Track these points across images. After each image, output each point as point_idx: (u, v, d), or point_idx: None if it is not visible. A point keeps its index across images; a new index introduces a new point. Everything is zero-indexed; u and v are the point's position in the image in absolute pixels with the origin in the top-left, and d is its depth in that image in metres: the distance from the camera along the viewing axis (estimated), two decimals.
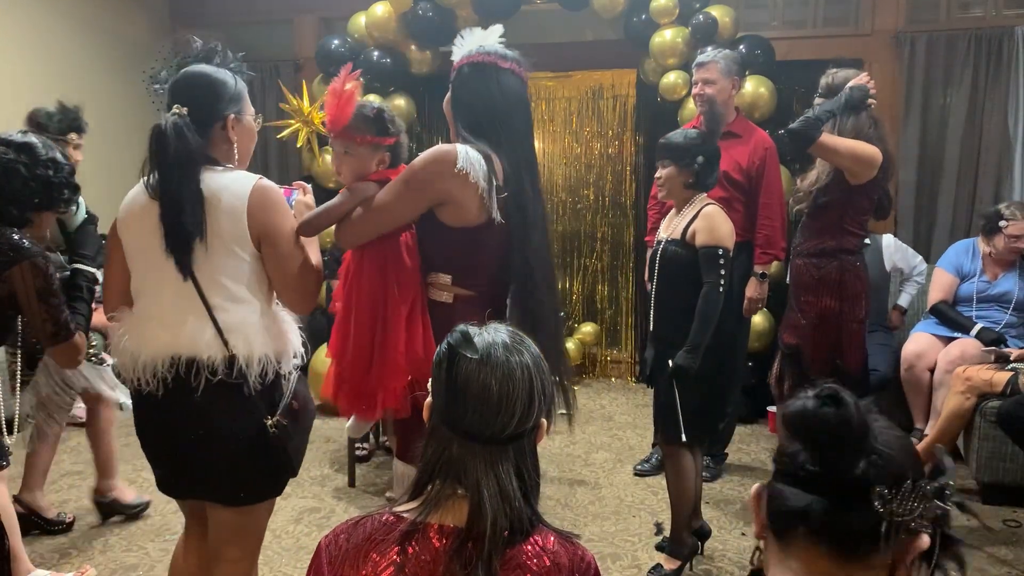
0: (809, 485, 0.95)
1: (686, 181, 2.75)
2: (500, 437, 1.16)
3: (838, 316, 3.00)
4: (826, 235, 3.02)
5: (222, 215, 1.80)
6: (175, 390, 1.80)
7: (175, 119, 1.80)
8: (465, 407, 1.16)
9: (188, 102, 1.84)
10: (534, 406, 1.18)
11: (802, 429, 0.96)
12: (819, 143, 2.82)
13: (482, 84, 2.08)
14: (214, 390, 1.79)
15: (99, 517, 3.33)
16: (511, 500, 1.15)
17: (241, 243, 1.82)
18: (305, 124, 5.14)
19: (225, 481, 1.87)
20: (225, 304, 1.82)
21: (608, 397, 5.18)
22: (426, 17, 5.00)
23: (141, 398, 1.87)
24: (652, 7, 4.64)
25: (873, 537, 0.91)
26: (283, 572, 2.97)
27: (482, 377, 1.16)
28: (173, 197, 1.78)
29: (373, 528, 1.18)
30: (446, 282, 2.05)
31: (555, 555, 1.17)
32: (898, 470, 0.93)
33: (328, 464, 4.01)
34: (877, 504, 0.90)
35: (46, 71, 5.13)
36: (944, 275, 4.16)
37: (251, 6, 6.04)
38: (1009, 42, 4.66)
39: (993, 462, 3.47)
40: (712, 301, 2.64)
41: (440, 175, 1.95)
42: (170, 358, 1.79)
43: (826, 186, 2.98)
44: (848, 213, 3.00)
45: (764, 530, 1.01)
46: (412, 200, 1.99)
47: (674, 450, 2.80)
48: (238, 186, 1.83)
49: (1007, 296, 4.02)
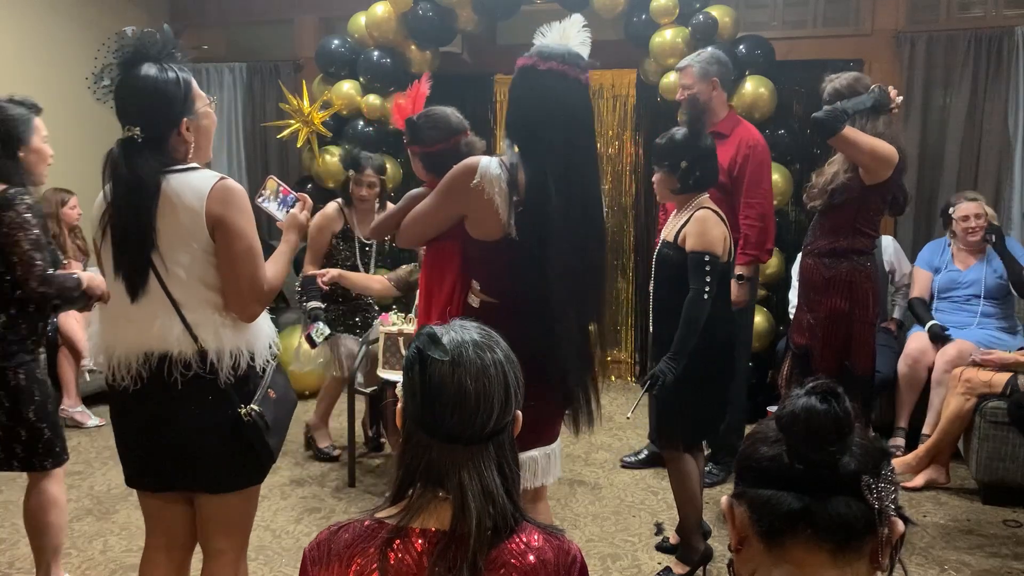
0: (800, 484, 0.95)
1: (673, 186, 2.74)
2: (480, 436, 1.15)
3: (847, 317, 2.98)
4: (838, 235, 2.99)
5: (181, 212, 1.82)
6: (150, 384, 1.86)
7: (125, 144, 1.84)
8: (443, 410, 1.14)
9: (138, 120, 1.84)
10: (511, 401, 1.18)
11: (808, 427, 0.96)
12: (841, 136, 2.80)
13: (518, 89, 2.04)
14: (189, 383, 1.85)
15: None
16: (495, 498, 1.14)
17: (199, 238, 1.84)
18: (305, 124, 5.14)
19: (206, 469, 1.91)
20: (190, 301, 1.86)
21: (608, 397, 5.17)
22: (426, 17, 5.00)
23: (117, 393, 1.91)
24: (652, 7, 4.64)
25: (866, 527, 0.94)
26: (283, 572, 2.97)
27: (457, 378, 1.14)
28: (122, 225, 1.84)
29: (355, 535, 1.17)
30: (476, 288, 2.12)
31: (540, 552, 1.16)
32: (875, 459, 0.96)
33: (328, 464, 4.02)
34: (867, 493, 0.93)
35: (46, 70, 5.13)
36: (920, 272, 4.36)
37: (251, 6, 6.04)
38: (1009, 42, 4.65)
39: (993, 462, 3.47)
40: (695, 307, 2.61)
41: (460, 188, 1.99)
42: (143, 354, 1.85)
43: (843, 185, 2.95)
44: (862, 213, 2.98)
45: (742, 541, 1.01)
46: (442, 208, 2.05)
47: (675, 454, 2.79)
48: (200, 183, 1.85)
49: (977, 284, 4.10)
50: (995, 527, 3.33)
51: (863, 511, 0.94)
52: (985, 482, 3.54)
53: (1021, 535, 3.26)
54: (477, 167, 1.97)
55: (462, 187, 1.98)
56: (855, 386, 2.99)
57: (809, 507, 0.94)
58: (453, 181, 2.02)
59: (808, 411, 0.96)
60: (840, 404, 0.96)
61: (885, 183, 2.92)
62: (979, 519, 3.41)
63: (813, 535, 0.94)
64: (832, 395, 0.97)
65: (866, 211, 2.98)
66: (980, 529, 3.31)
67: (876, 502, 0.93)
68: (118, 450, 2.01)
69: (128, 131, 1.84)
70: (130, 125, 1.85)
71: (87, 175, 2.58)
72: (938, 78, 4.87)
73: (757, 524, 0.98)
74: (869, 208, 2.99)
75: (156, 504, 2.02)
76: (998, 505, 3.50)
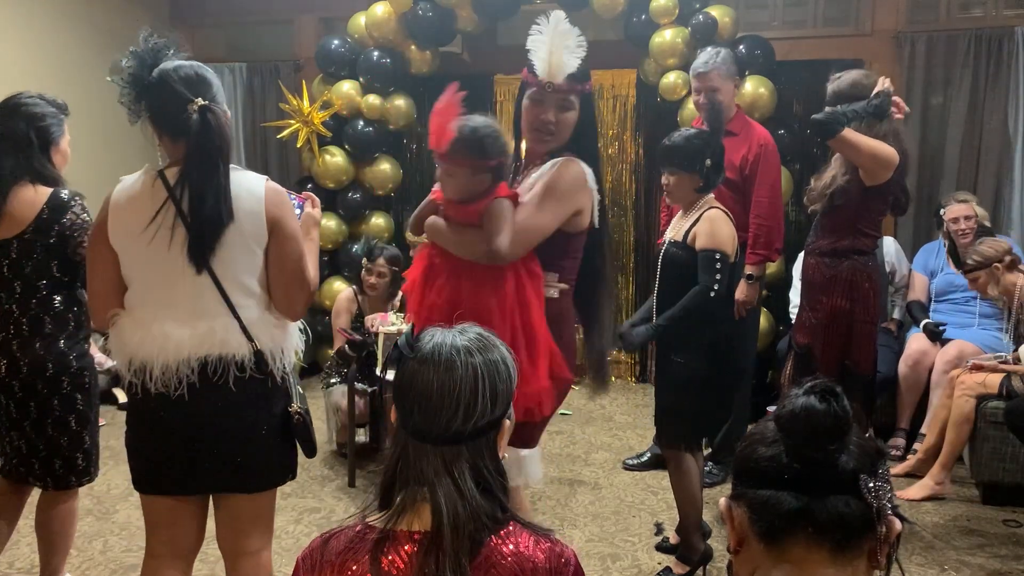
0: (798, 484, 0.96)
1: (696, 186, 2.74)
2: (448, 436, 1.17)
3: (849, 316, 2.98)
4: (840, 235, 3.00)
5: (241, 212, 1.81)
6: (201, 388, 1.82)
7: (205, 108, 1.79)
8: (412, 406, 1.18)
9: (203, 95, 1.82)
10: (478, 403, 1.18)
11: (807, 427, 0.97)
12: (840, 137, 2.80)
13: (588, 111, 2.25)
14: (243, 384, 1.85)
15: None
16: (467, 499, 1.15)
17: (259, 239, 1.84)
18: (305, 124, 5.14)
19: (249, 468, 1.90)
20: (245, 300, 1.85)
21: (608, 397, 5.16)
22: (426, 17, 5.00)
23: (151, 399, 1.84)
24: (652, 7, 4.64)
25: (865, 526, 0.95)
26: (282, 572, 2.97)
27: (424, 375, 1.18)
28: (198, 189, 1.78)
29: (347, 539, 1.18)
30: (554, 279, 2.20)
31: (531, 554, 1.16)
32: (872, 458, 0.97)
33: (328, 464, 4.02)
34: (865, 492, 0.94)
35: (45, 70, 5.13)
36: (917, 276, 4.42)
37: (251, 6, 6.03)
38: (1009, 42, 4.65)
39: (993, 462, 3.47)
40: (699, 298, 2.64)
41: (579, 187, 2.14)
42: (202, 358, 1.81)
43: (842, 188, 2.95)
44: (862, 215, 2.98)
45: (741, 542, 1.01)
46: (561, 211, 2.13)
47: (676, 454, 2.79)
48: (252, 184, 1.85)
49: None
50: (995, 527, 3.33)
51: (861, 510, 0.94)
52: (985, 482, 3.54)
53: (1021, 535, 3.26)
54: (581, 167, 2.16)
55: (580, 186, 2.15)
56: (856, 385, 3.00)
57: (808, 506, 0.95)
58: (573, 183, 2.13)
59: (808, 410, 0.97)
60: (839, 403, 0.97)
61: (885, 184, 2.92)
62: (979, 519, 3.41)
63: (812, 534, 0.95)
64: (831, 394, 0.97)
65: (867, 212, 2.98)
66: (980, 529, 3.31)
67: (874, 501, 0.94)
68: (131, 454, 1.96)
69: (201, 101, 1.80)
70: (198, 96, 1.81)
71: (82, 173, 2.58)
72: (938, 78, 4.86)
73: (756, 524, 0.98)
74: (870, 210, 2.99)
75: (166, 508, 1.95)
76: (998, 505, 3.50)
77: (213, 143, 1.79)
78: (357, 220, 5.40)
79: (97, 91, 5.47)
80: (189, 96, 1.79)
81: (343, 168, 5.25)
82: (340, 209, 5.37)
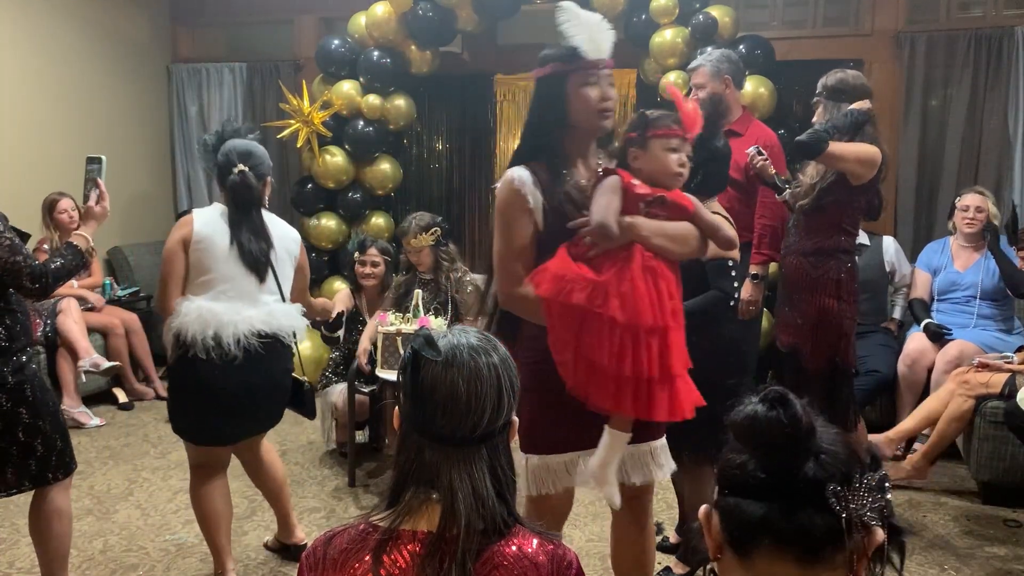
0: (763, 493, 0.93)
1: None
2: (471, 437, 1.16)
3: (837, 315, 3.01)
4: (824, 234, 3.03)
5: (283, 252, 2.77)
6: (257, 354, 2.59)
7: (243, 172, 2.65)
8: (434, 410, 1.16)
9: (247, 163, 2.67)
10: (503, 404, 1.18)
11: (754, 435, 0.94)
12: (827, 154, 2.86)
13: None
14: (281, 352, 2.72)
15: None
16: (484, 500, 1.15)
17: (292, 265, 2.85)
18: (305, 124, 5.14)
19: (276, 415, 2.85)
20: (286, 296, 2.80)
21: None
22: (426, 17, 5.00)
23: (215, 365, 2.54)
24: (652, 7, 4.64)
25: (833, 537, 0.90)
26: (282, 572, 2.97)
27: (449, 378, 1.16)
28: (250, 231, 2.67)
29: (350, 538, 1.18)
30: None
31: (533, 556, 1.16)
32: (845, 467, 0.93)
33: (328, 464, 4.02)
34: (833, 502, 0.90)
35: (45, 70, 5.14)
36: (920, 274, 4.40)
37: (251, 6, 6.04)
38: (1009, 42, 4.65)
39: (993, 462, 3.47)
40: (716, 304, 2.57)
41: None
42: (259, 330, 2.61)
43: (829, 186, 2.98)
44: (847, 212, 3.02)
45: (719, 550, 0.99)
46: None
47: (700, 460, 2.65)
48: (289, 232, 2.84)
49: (975, 285, 4.10)
50: (995, 527, 3.33)
51: (828, 521, 0.90)
52: (985, 482, 3.54)
53: (1021, 535, 3.26)
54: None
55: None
56: (845, 381, 3.03)
57: (767, 516, 0.92)
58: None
59: (751, 419, 0.95)
60: (787, 410, 0.93)
61: (871, 181, 2.98)
62: (979, 519, 3.41)
63: (776, 544, 0.92)
64: (780, 402, 0.94)
65: (852, 211, 3.04)
66: (980, 529, 3.31)
67: (844, 512, 0.90)
68: (198, 418, 2.63)
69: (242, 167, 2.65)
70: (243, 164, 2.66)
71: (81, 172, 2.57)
72: (938, 78, 4.87)
73: (724, 532, 0.97)
74: (855, 208, 3.04)
75: (220, 450, 2.75)
76: (998, 505, 3.50)
77: (243, 196, 2.66)
78: (357, 220, 5.40)
79: (96, 90, 5.48)
80: (235, 162, 2.66)
81: (343, 168, 5.25)
82: (340, 209, 5.37)
